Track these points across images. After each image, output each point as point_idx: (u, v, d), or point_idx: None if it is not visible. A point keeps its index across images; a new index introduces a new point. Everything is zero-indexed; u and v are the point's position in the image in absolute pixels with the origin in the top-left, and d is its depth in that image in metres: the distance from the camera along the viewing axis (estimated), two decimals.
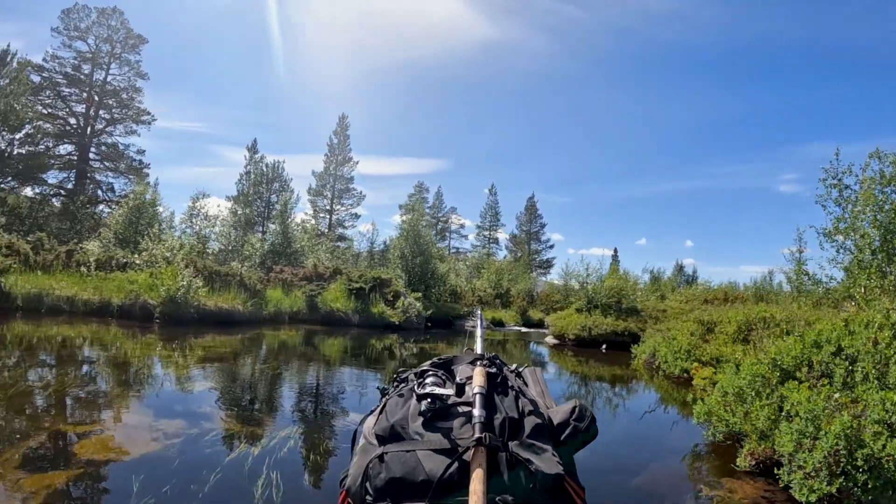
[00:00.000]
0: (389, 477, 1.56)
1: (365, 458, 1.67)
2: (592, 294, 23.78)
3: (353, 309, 24.37)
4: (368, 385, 10.92)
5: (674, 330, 16.74)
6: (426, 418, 1.71)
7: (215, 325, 19.54)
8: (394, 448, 1.63)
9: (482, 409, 1.64)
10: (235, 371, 11.29)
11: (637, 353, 17.84)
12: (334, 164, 61.34)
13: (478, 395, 1.70)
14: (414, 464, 1.55)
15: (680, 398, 12.57)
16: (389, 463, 1.59)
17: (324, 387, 10.80)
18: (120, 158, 52.90)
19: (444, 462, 1.52)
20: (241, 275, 22.68)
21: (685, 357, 14.90)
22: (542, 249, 76.00)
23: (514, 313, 38.42)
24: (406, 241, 33.31)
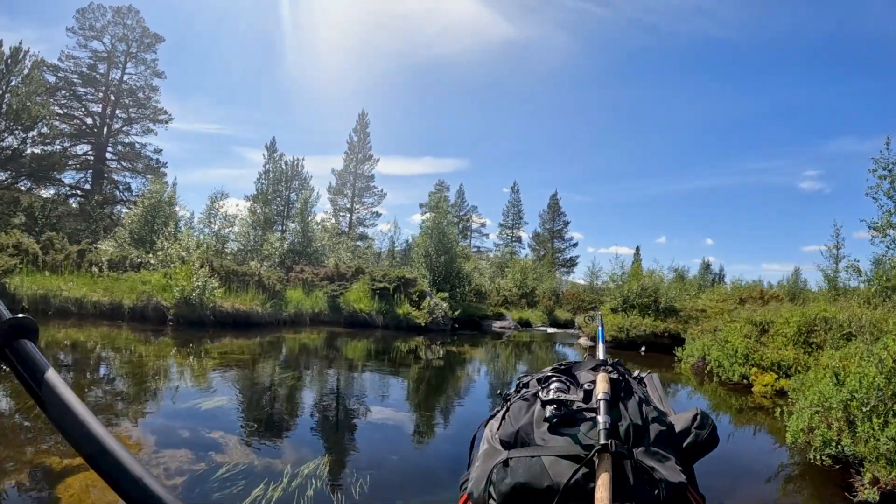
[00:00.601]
0: (514, 482, 1.45)
1: (489, 462, 1.56)
2: (628, 293, 22.45)
3: (377, 310, 23.20)
4: (400, 398, 9.79)
5: (725, 331, 15.44)
6: (551, 424, 1.55)
7: (232, 328, 18.47)
8: (518, 453, 1.51)
9: (607, 415, 1.49)
10: (251, 382, 10.13)
11: (682, 356, 16.59)
12: (354, 162, 60.23)
13: (602, 401, 1.55)
14: (539, 469, 1.44)
15: (741, 407, 11.37)
16: (514, 468, 1.48)
17: (349, 400, 9.60)
18: (137, 158, 52.22)
19: (569, 468, 1.41)
20: (260, 274, 21.57)
21: (742, 361, 13.63)
22: (566, 248, 74.48)
23: (541, 313, 37.19)
24: (430, 240, 32.02)
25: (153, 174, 50.43)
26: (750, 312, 16.97)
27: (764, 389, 12.53)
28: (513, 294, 38.99)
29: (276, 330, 19.39)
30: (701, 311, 22.04)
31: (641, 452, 1.49)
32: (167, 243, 24.11)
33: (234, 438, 6.31)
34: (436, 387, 11.96)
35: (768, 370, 13.02)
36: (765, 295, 29.74)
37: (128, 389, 8.67)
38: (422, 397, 10.64)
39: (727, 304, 24.06)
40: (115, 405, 7.52)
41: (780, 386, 12.41)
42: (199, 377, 10.03)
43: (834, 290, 29.57)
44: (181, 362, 11.59)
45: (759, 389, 12.58)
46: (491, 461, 1.58)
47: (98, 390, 8.48)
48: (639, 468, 1.45)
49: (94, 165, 50.32)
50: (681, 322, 20.76)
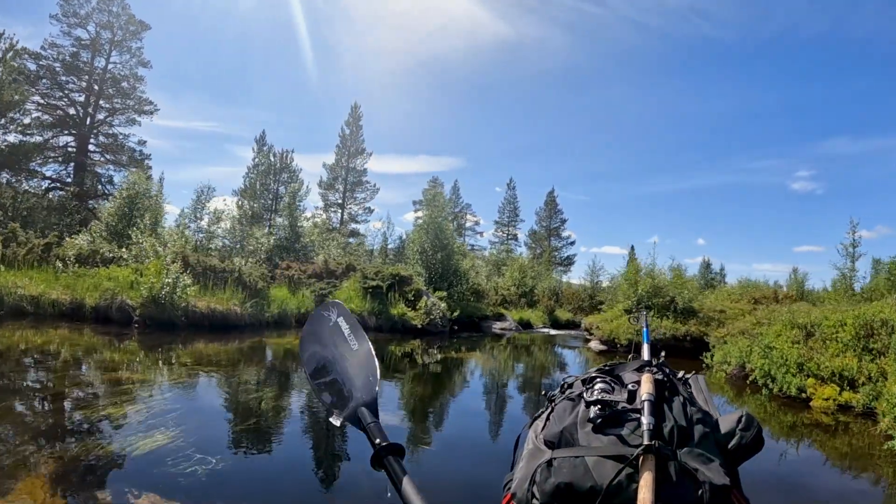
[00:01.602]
0: (558, 482, 1.35)
1: (533, 462, 1.46)
2: (643, 293, 20.66)
3: (370, 310, 21.26)
4: (406, 427, 7.96)
5: (767, 336, 13.70)
6: (595, 425, 1.45)
7: (208, 330, 16.56)
8: (563, 454, 1.42)
9: (651, 416, 1.40)
10: (214, 405, 8.25)
11: (714, 363, 14.93)
12: (346, 156, 57.96)
13: (646, 401, 1.44)
14: (583, 470, 1.36)
15: (800, 424, 9.64)
16: (558, 468, 1.39)
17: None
18: (120, 150, 50.09)
19: (613, 469, 1.32)
20: (240, 271, 19.63)
21: (796, 370, 11.86)
22: (562, 246, 72.93)
23: (542, 313, 35.47)
24: (426, 235, 30.06)
25: (137, 167, 48.59)
26: (788, 314, 15.27)
27: (825, 404, 10.75)
28: (511, 293, 37.25)
29: (257, 333, 17.50)
30: (720, 312, 20.34)
31: (685, 453, 1.39)
32: (142, 236, 22.18)
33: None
34: (444, 408, 10.12)
35: (828, 381, 11.25)
36: (778, 295, 28.51)
37: (43, 419, 6.78)
38: (430, 423, 8.82)
39: (741, 304, 22.55)
40: (31, 446, 5.66)
41: (843, 400, 10.68)
42: (149, 398, 8.12)
43: (850, 289, 28.14)
44: (133, 377, 9.62)
45: (820, 404, 10.81)
46: (535, 461, 1.48)
47: (19, 421, 6.62)
48: (682, 469, 1.34)
49: (76, 157, 48.28)
50: (701, 324, 19.02)
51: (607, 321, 20.52)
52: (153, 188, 33.03)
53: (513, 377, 13.99)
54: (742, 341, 14.54)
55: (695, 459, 1.38)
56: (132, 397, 8.00)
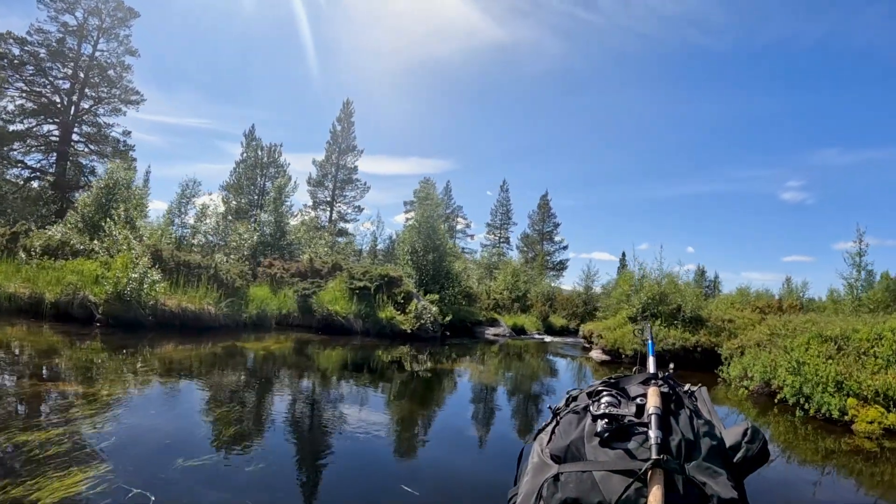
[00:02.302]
0: (565, 497, 1.42)
1: (539, 477, 1.52)
2: (648, 301, 19.38)
3: (356, 313, 19.86)
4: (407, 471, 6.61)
5: (796, 350, 12.43)
6: (602, 438, 1.50)
7: (179, 332, 15.17)
8: (570, 468, 1.48)
9: (658, 429, 1.45)
10: (164, 428, 6.82)
11: (731, 378, 13.71)
12: (337, 152, 56.26)
13: (653, 415, 1.49)
14: (590, 484, 1.41)
15: (844, 451, 8.42)
16: (565, 483, 1.45)
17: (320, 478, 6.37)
18: (104, 141, 48.46)
19: (621, 483, 1.38)
20: (216, 267, 18.19)
21: (833, 389, 10.58)
22: (555, 251, 71.71)
23: (535, 319, 34.28)
24: (417, 235, 28.61)
25: (122, 158, 47.02)
26: (809, 324, 14.12)
27: (869, 428, 9.49)
28: (504, 298, 35.93)
29: (233, 335, 16.09)
30: (729, 322, 19.09)
31: (693, 467, 1.45)
32: (115, 228, 20.72)
33: None
34: (433, 429, 8.76)
35: (871, 402, 9.98)
36: (783, 304, 27.71)
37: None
38: (418, 445, 7.47)
39: (748, 313, 21.38)
40: None
41: (890, 423, 9.44)
42: (87, 418, 6.72)
43: (857, 299, 27.13)
44: (77, 389, 8.20)
45: (863, 428, 9.54)
46: (541, 476, 1.54)
47: None
48: (690, 483, 1.41)
49: (59, 147, 46.64)
50: (711, 334, 17.76)
51: (610, 329, 19.20)
52: (134, 179, 31.51)
53: (512, 394, 12.58)
54: (764, 354, 13.29)
55: (702, 473, 1.41)
56: (65, 416, 6.59)
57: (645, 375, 1.79)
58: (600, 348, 18.84)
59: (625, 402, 1.65)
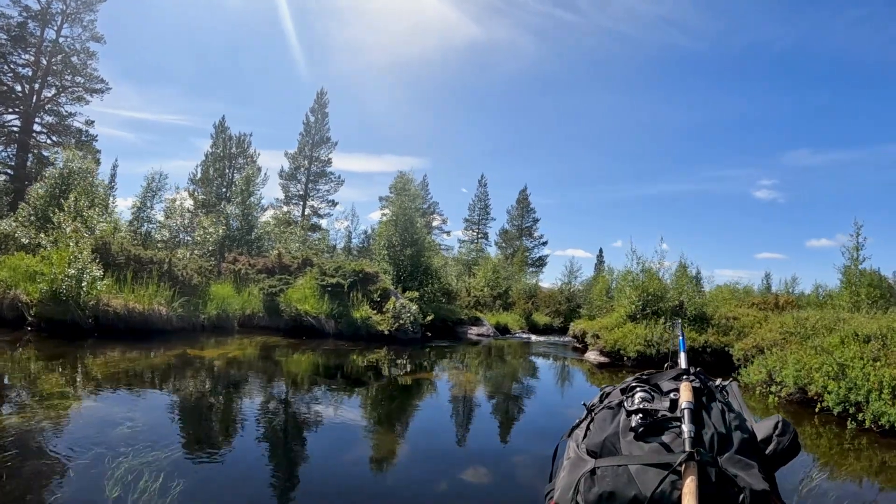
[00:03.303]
0: (601, 491, 1.48)
1: (576, 472, 1.59)
2: (648, 297, 17.79)
3: (328, 313, 17.99)
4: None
5: (838, 351, 10.91)
6: (637, 433, 1.58)
7: (125, 336, 13.29)
8: (605, 462, 1.54)
9: (692, 423, 1.53)
10: (79, 488, 5.00)
11: (753, 382, 12.22)
12: (310, 144, 54.01)
13: (686, 409, 1.58)
14: (626, 478, 1.47)
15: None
16: (601, 477, 1.51)
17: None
18: (68, 132, 46.05)
19: (656, 476, 1.43)
20: (170, 262, 16.22)
21: (889, 397, 9.04)
22: (534, 246, 70.21)
23: (518, 317, 32.67)
24: (395, 228, 26.80)
25: (85, 149, 44.66)
26: (836, 321, 12.71)
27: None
28: (485, 295, 34.23)
29: (187, 339, 14.22)
30: (734, 320, 17.60)
31: (725, 460, 1.49)
32: (66, 219, 18.65)
33: None
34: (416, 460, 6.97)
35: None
36: (779, 300, 26.75)
37: None
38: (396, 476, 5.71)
39: (750, 310, 20.00)
40: None
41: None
42: None
43: (856, 294, 26.18)
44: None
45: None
46: (578, 471, 1.59)
47: None
48: (723, 476, 1.44)
49: (20, 138, 44.22)
50: (720, 333, 16.22)
51: (607, 329, 17.56)
52: (98, 171, 29.28)
53: (514, 414, 10.81)
54: (792, 356, 11.74)
55: (735, 465, 1.46)
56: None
57: (676, 371, 1.86)
58: (598, 349, 17.17)
59: (658, 397, 1.71)
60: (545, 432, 8.14)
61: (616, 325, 17.60)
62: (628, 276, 19.16)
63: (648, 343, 15.46)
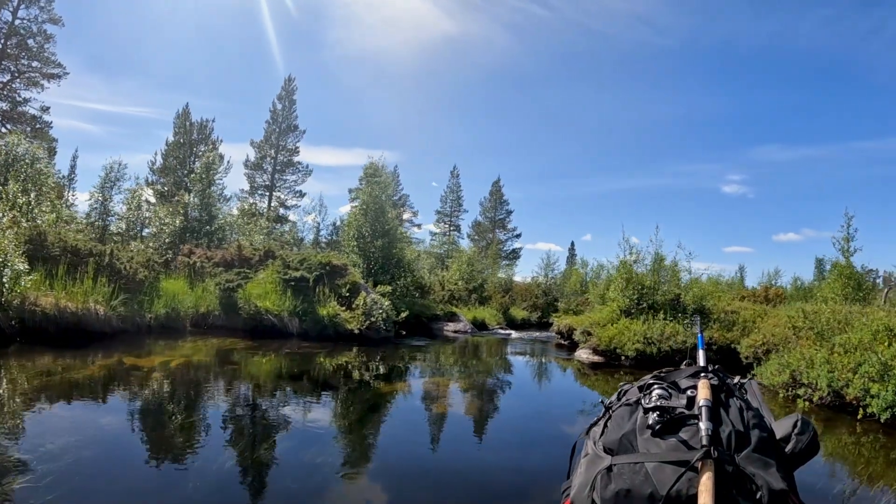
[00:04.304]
0: (618, 488, 1.45)
1: (593, 468, 1.57)
2: (644, 290, 16.40)
3: (291, 310, 16.27)
4: None
5: (880, 348, 9.61)
6: (654, 430, 1.56)
7: (59, 340, 11.49)
8: (622, 460, 1.51)
9: (709, 421, 1.50)
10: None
11: (775, 384, 11.03)
12: (277, 132, 51.70)
13: (704, 407, 1.55)
14: (643, 476, 1.44)
15: None
16: (617, 474, 1.48)
17: None
18: (23, 119, 43.59)
19: (673, 474, 1.41)
20: (111, 254, 14.38)
21: None
22: (508, 239, 68.84)
23: (495, 312, 31.35)
24: (365, 218, 25.09)
25: (40, 138, 42.31)
26: (868, 318, 11.53)
27: None
28: (460, 289, 32.70)
29: (129, 343, 12.50)
30: (733, 314, 16.31)
31: (743, 458, 1.47)
32: (2, 207, 16.72)
33: None
34: None
35: None
36: (770, 294, 26.12)
37: None
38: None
39: (749, 304, 18.95)
40: None
41: None
42: None
43: (850, 286, 25.53)
44: None
45: None
46: (595, 468, 1.57)
47: None
48: (740, 474, 1.42)
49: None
50: (724, 329, 14.88)
51: (599, 325, 16.09)
52: (50, 160, 27.18)
53: (510, 434, 9.25)
54: (819, 355, 10.43)
55: (753, 464, 1.43)
56: None
57: (694, 368, 1.84)
58: (590, 348, 15.67)
59: (675, 394, 1.69)
60: (549, 459, 6.53)
61: (609, 320, 16.16)
62: (623, 267, 17.63)
63: (648, 341, 14.02)
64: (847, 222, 25.75)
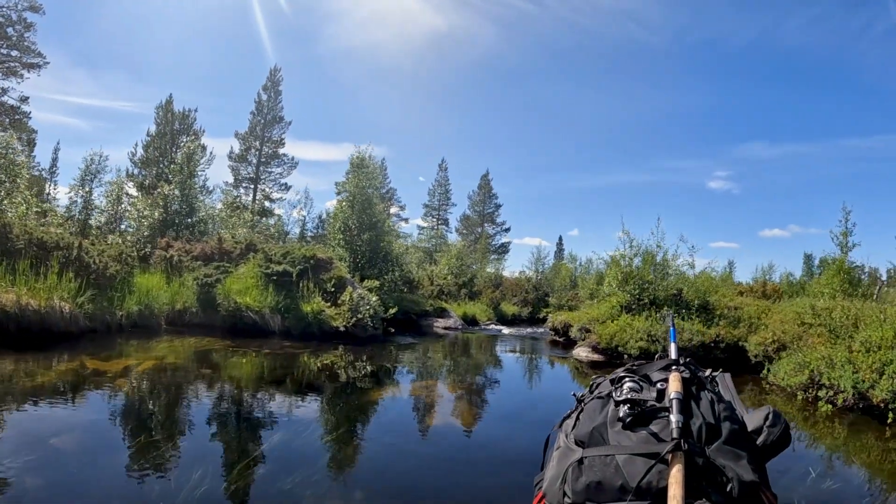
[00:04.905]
0: (589, 481, 1.48)
1: (564, 462, 1.59)
2: (645, 285, 15.67)
3: (273, 306, 15.39)
4: None
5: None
6: (625, 423, 1.58)
7: (20, 341, 10.54)
8: (593, 452, 1.54)
9: (679, 413, 1.52)
10: None
11: (791, 385, 10.30)
12: (262, 124, 50.39)
13: (675, 399, 1.57)
14: (613, 468, 1.46)
15: None
16: (589, 467, 1.51)
17: None
18: (1, 109, 42.30)
19: (643, 466, 1.43)
20: (79, 247, 13.43)
21: None
22: (497, 233, 68.00)
23: (485, 307, 30.59)
24: (351, 210, 24.15)
25: (19, 129, 41.03)
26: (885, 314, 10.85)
27: None
28: (449, 283, 31.91)
29: (100, 343, 11.63)
30: (735, 309, 15.65)
31: (714, 450, 1.47)
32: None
33: None
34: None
35: None
36: (767, 289, 25.65)
37: None
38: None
39: (751, 300, 18.31)
40: None
41: None
42: None
43: (849, 282, 25.12)
44: None
45: None
46: (566, 460, 1.58)
47: None
48: (711, 466, 1.43)
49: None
50: (730, 325, 14.15)
51: (598, 322, 15.35)
52: (14, 144, 26.07)
53: (501, 447, 8.43)
54: (841, 354, 9.71)
55: (723, 456, 1.45)
56: None
57: (666, 361, 1.86)
58: (589, 345, 14.88)
59: (647, 387, 1.69)
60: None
61: (609, 316, 15.41)
62: (622, 259, 16.80)
63: (652, 338, 13.27)
64: (845, 217, 25.20)
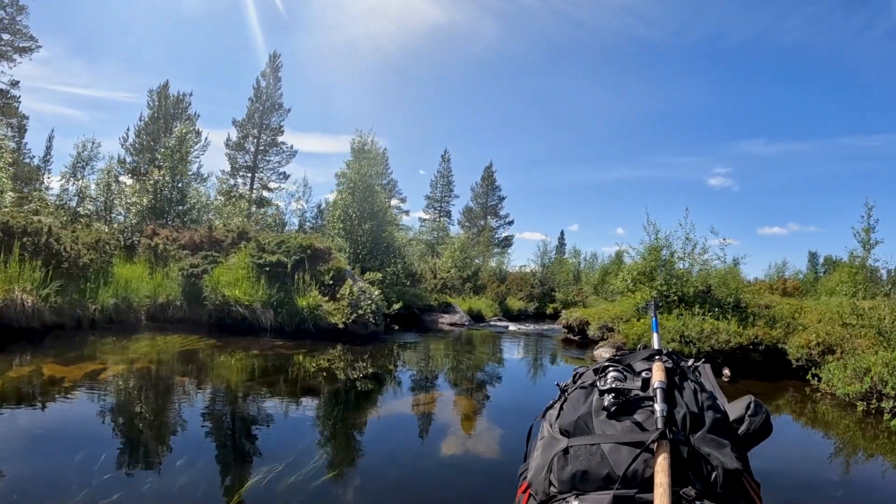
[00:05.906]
0: (575, 470, 1.50)
1: (549, 451, 1.62)
2: (673, 281, 14.36)
3: (265, 300, 14.02)
4: None
5: None
6: (609, 412, 1.61)
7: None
8: (578, 441, 1.56)
9: (663, 403, 1.56)
10: None
11: (844, 390, 9.14)
12: (260, 111, 48.80)
13: (659, 389, 1.61)
14: (599, 457, 1.49)
15: None
16: (574, 456, 1.53)
17: None
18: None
19: (629, 455, 1.45)
20: (49, 232, 12.04)
21: None
22: (500, 226, 66.60)
23: (491, 302, 29.30)
24: (352, 197, 22.80)
25: (9, 114, 39.75)
26: None
27: None
28: (452, 277, 30.63)
29: (69, 341, 10.30)
30: (766, 308, 14.36)
31: (698, 439, 1.50)
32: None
33: None
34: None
35: None
36: (787, 286, 24.65)
37: None
38: None
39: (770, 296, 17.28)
40: None
41: None
42: None
43: (867, 279, 24.17)
44: None
45: None
46: (551, 450, 1.60)
47: None
48: (695, 454, 1.45)
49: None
50: (766, 326, 12.78)
51: (622, 319, 14.08)
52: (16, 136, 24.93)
53: None
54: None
55: (707, 444, 1.49)
56: None
57: (650, 351, 1.87)
58: (612, 345, 13.54)
59: (630, 377, 1.73)
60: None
61: (630, 313, 14.12)
62: (652, 253, 15.34)
63: (686, 339, 11.88)
64: (868, 213, 23.96)
